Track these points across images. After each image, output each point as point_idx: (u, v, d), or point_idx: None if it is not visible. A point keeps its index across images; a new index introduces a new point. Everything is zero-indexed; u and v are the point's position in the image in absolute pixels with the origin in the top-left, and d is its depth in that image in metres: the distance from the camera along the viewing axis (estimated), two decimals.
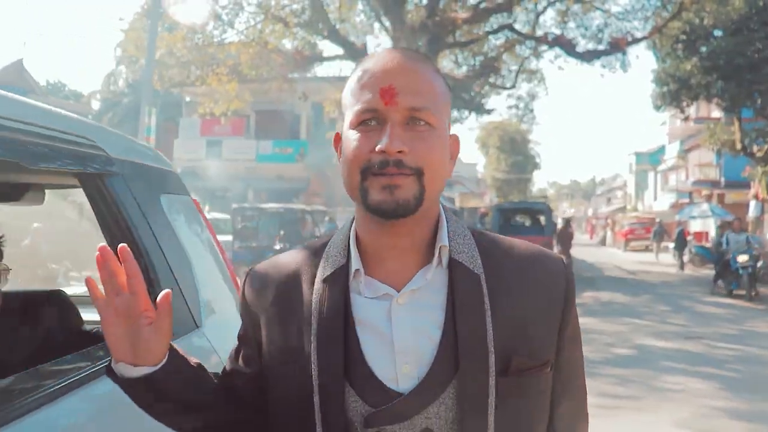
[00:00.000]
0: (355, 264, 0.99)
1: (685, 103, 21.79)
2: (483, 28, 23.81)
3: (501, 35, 24.68)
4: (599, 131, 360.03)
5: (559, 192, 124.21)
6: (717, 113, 26.75)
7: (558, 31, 23.68)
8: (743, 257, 14.33)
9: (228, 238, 14.35)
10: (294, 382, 0.97)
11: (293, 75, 23.66)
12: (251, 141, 29.19)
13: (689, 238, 24.92)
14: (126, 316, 0.94)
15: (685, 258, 23.28)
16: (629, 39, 22.38)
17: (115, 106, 37.89)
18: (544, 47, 24.47)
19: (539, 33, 23.78)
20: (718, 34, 19.69)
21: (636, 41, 22.46)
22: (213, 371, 1.12)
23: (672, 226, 31.36)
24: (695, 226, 32.54)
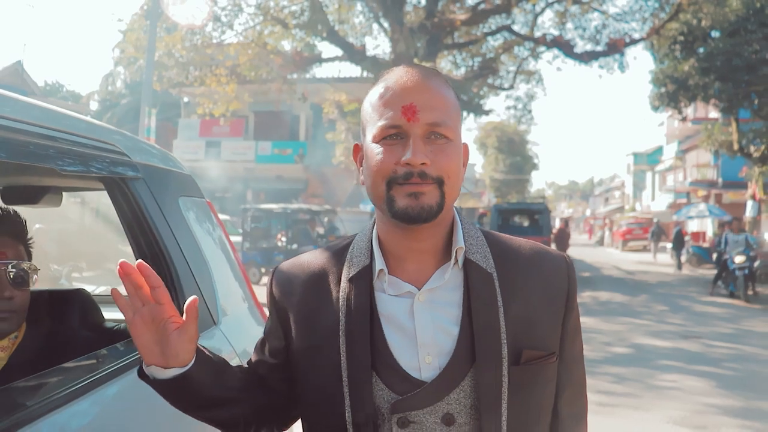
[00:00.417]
0: (379, 264, 1.08)
1: (683, 104, 21.81)
2: (481, 29, 23.86)
3: (499, 36, 24.73)
4: (597, 132, 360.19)
5: (558, 192, 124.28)
6: (714, 114, 26.82)
7: (556, 32, 23.75)
8: (740, 258, 14.23)
9: (234, 238, 14.46)
10: (325, 372, 1.06)
11: (292, 76, 23.67)
12: (250, 142, 29.21)
13: (687, 238, 24.93)
14: (152, 323, 1.02)
15: (683, 258, 23.29)
16: (627, 40, 22.46)
17: (114, 106, 37.87)
18: (542, 48, 24.52)
19: (537, 34, 23.84)
20: (715, 35, 19.73)
21: (634, 42, 22.54)
22: (237, 365, 1.22)
23: (670, 226, 31.42)
24: (693, 226, 32.63)
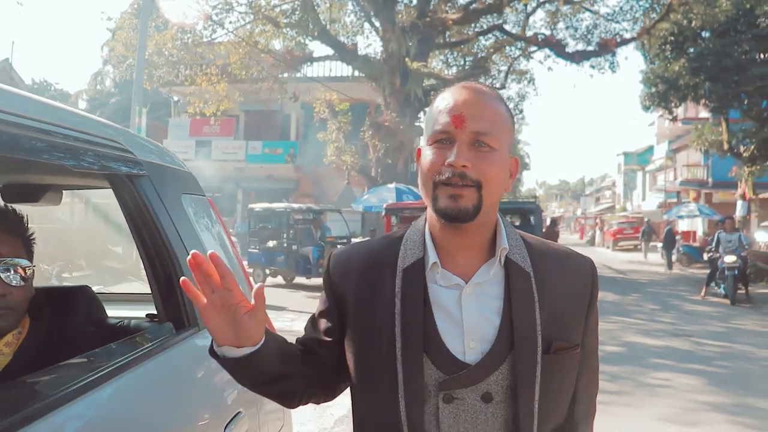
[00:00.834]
0: (433, 258, 1.21)
1: (673, 104, 21.94)
2: (473, 28, 23.89)
3: (491, 36, 24.78)
4: (588, 132, 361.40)
5: (549, 192, 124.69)
6: (704, 114, 26.98)
7: (547, 32, 23.81)
8: (730, 258, 13.65)
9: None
10: (380, 352, 1.18)
11: (283, 75, 23.62)
12: (241, 141, 29.14)
13: (677, 237, 25.03)
14: (222, 308, 1.13)
15: (673, 257, 23.38)
16: (618, 40, 22.55)
17: (103, 105, 37.65)
18: (533, 48, 24.58)
19: (529, 34, 23.89)
20: (705, 35, 19.85)
21: (625, 42, 22.63)
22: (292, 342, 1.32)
23: (660, 225, 31.56)
24: (683, 225, 32.80)
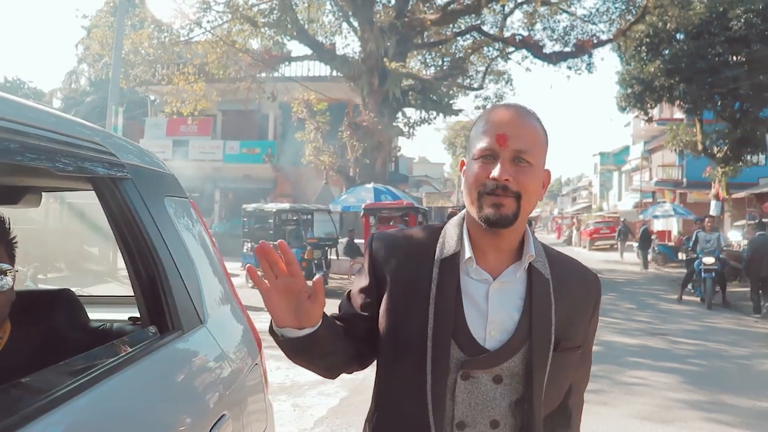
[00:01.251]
0: (468, 253, 1.37)
1: (649, 105, 22.18)
2: (451, 29, 23.97)
3: (469, 36, 24.90)
4: (565, 132, 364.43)
5: None
6: (679, 115, 27.31)
7: (525, 33, 23.96)
8: (709, 259, 12.84)
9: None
10: (413, 331, 1.34)
11: (261, 75, 23.51)
12: (218, 141, 28.92)
13: (653, 237, 25.27)
14: (286, 292, 1.26)
15: (649, 257, 23.60)
16: (594, 41, 22.81)
17: (78, 104, 37.19)
18: (511, 49, 24.75)
19: (506, 35, 24.05)
20: (680, 37, 20.10)
21: (601, 44, 22.89)
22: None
23: (636, 225, 31.91)
24: (658, 225, 33.19)
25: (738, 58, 19.07)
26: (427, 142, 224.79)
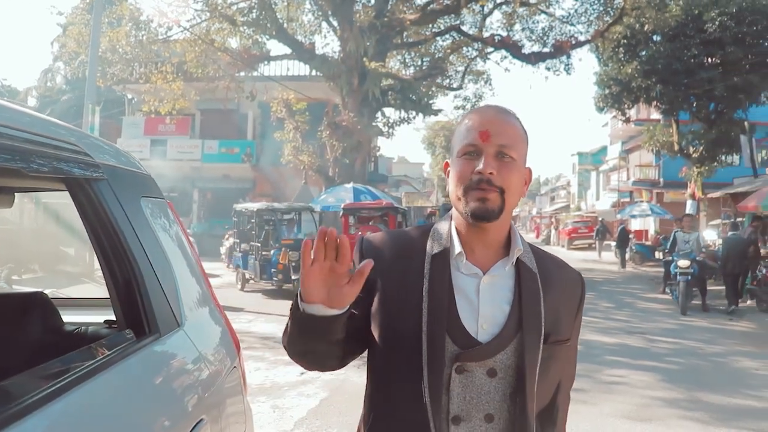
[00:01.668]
0: (458, 248, 1.40)
1: (626, 106, 22.38)
2: (430, 29, 24.00)
3: (448, 37, 24.94)
4: (544, 132, 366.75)
5: None
6: (656, 115, 27.61)
7: (504, 34, 24.07)
8: (684, 262, 12.10)
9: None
10: (408, 325, 1.36)
11: (240, 74, 23.37)
12: (197, 140, 28.71)
13: (631, 236, 25.50)
14: (327, 273, 1.27)
15: (627, 256, 23.81)
16: (573, 42, 22.97)
17: (54, 103, 36.73)
18: (490, 49, 24.84)
19: (486, 35, 24.12)
20: (657, 39, 20.31)
21: (579, 44, 23.06)
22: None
23: (614, 224, 32.19)
24: (635, 224, 33.53)
25: (713, 60, 19.32)
26: (407, 142, 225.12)
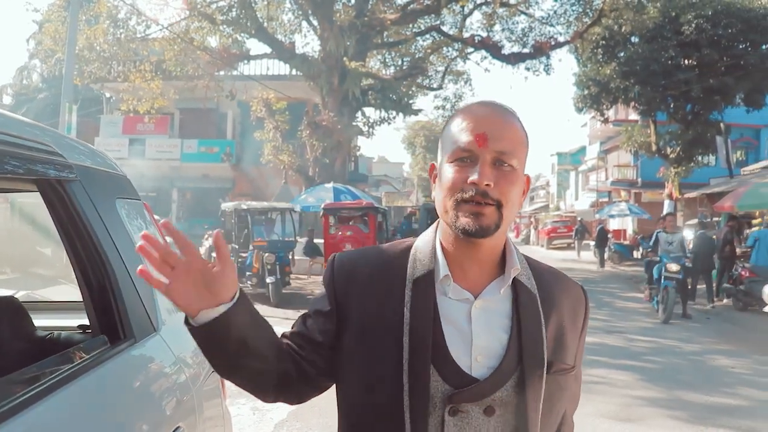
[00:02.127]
0: (444, 270, 1.21)
1: (605, 106, 22.53)
2: (411, 29, 24.05)
3: (428, 37, 25.02)
4: None
5: None
6: (634, 116, 27.84)
7: (484, 34, 24.18)
8: (674, 266, 11.19)
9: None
10: (385, 361, 1.17)
11: (220, 73, 23.23)
12: (176, 140, 28.47)
13: (609, 236, 25.70)
14: (188, 274, 1.10)
15: (606, 255, 23.98)
16: (552, 43, 23.15)
17: (30, 101, 36.22)
18: (470, 49, 24.94)
19: (466, 35, 24.22)
20: (635, 40, 20.50)
21: (559, 45, 23.23)
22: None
23: (592, 224, 32.43)
24: (614, 224, 33.82)
25: (689, 61, 19.53)
26: (387, 141, 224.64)
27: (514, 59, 23.30)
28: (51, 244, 13.95)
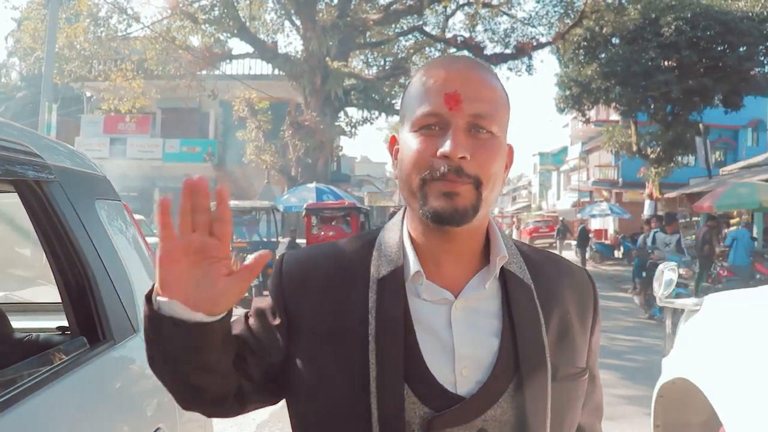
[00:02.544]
0: (415, 266, 0.97)
1: (586, 107, 22.69)
2: (393, 29, 24.10)
3: (411, 37, 25.08)
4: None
5: None
6: (615, 117, 28.06)
7: (467, 34, 24.28)
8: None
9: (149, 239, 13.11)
10: (348, 382, 0.94)
11: (202, 72, 23.11)
12: (158, 139, 28.26)
13: (591, 235, 25.87)
14: (195, 255, 0.86)
15: (587, 255, 24.15)
16: (534, 44, 23.30)
17: (8, 100, 35.79)
18: (453, 49, 24.98)
19: (448, 35, 24.32)
20: (616, 42, 20.68)
21: (541, 46, 23.38)
22: None
23: (574, 224, 32.63)
24: (595, 224, 34.07)
25: (669, 63, 19.75)
26: (369, 141, 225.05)
27: (496, 60, 23.39)
28: (30, 245, 13.82)
